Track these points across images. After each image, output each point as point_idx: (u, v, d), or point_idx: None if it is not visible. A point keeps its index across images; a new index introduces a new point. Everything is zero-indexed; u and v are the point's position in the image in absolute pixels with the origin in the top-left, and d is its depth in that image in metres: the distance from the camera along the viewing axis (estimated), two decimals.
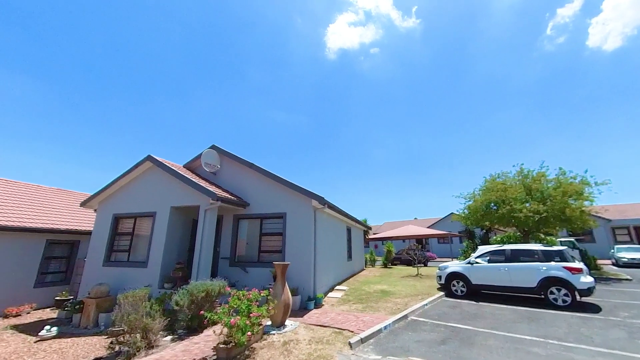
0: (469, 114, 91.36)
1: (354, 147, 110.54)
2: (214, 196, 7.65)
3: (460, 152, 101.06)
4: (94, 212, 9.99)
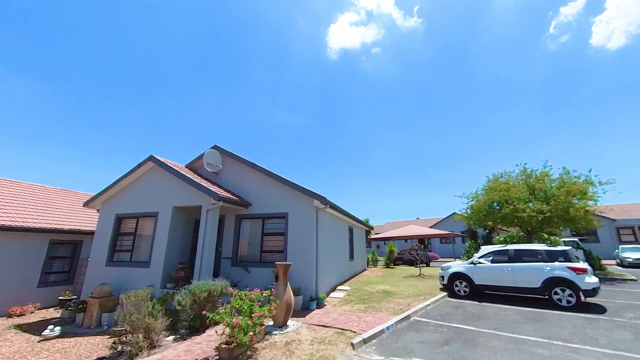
0: (472, 113, 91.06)
1: (356, 146, 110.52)
2: (216, 196, 7.66)
3: (463, 152, 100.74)
4: (97, 213, 10.04)
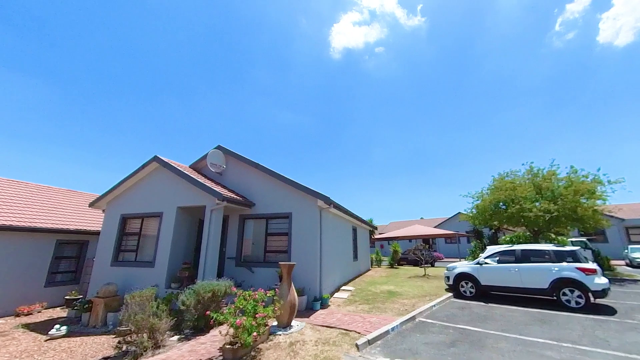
0: (476, 112, 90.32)
1: (359, 146, 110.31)
2: (219, 196, 7.66)
3: (467, 151, 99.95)
4: (102, 213, 10.12)
